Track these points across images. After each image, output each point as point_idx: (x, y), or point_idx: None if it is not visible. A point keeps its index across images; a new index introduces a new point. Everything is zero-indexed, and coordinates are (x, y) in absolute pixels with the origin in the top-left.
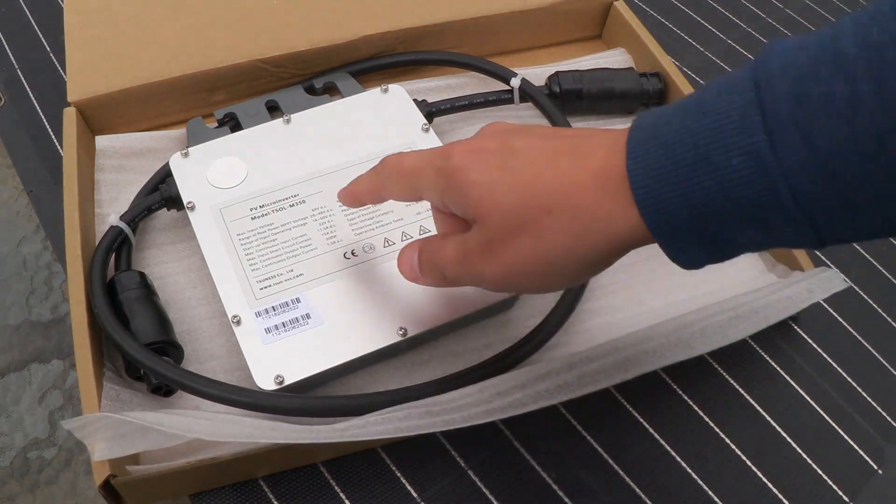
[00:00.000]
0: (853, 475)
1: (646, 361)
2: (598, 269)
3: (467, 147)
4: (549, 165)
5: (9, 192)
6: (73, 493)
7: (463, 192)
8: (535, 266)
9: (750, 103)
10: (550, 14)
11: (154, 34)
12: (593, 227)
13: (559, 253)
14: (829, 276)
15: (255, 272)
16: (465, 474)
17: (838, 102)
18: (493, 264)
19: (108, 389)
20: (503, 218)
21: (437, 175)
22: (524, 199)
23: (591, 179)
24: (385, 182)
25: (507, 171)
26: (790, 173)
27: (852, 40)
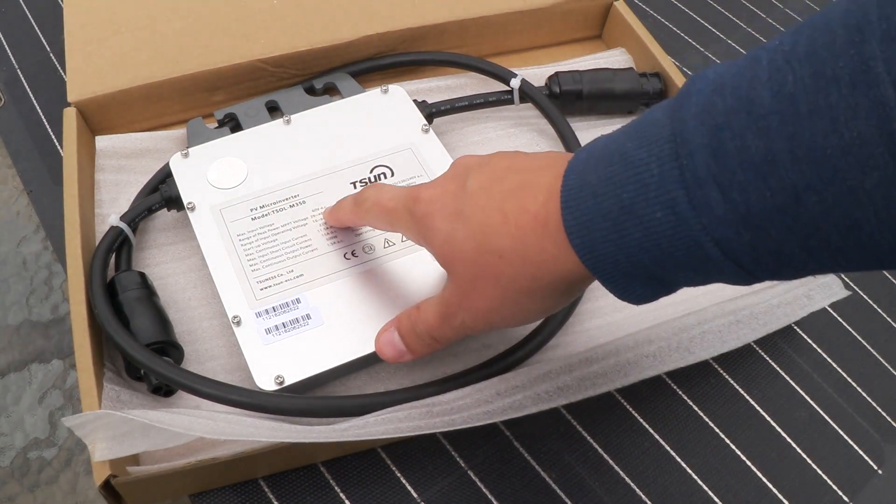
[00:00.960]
0: (853, 475)
1: (646, 365)
2: (569, 298)
3: (431, 192)
4: (497, 209)
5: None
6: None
7: (429, 241)
8: (504, 307)
9: (667, 156)
10: (550, 14)
11: (154, 34)
12: (543, 269)
13: (520, 294)
14: (830, 282)
15: (256, 273)
16: (465, 474)
17: (754, 157)
18: (470, 311)
19: (109, 390)
20: (465, 266)
21: (409, 218)
22: (480, 245)
23: (533, 224)
24: (364, 214)
25: (463, 218)
26: (711, 228)
27: (767, 89)
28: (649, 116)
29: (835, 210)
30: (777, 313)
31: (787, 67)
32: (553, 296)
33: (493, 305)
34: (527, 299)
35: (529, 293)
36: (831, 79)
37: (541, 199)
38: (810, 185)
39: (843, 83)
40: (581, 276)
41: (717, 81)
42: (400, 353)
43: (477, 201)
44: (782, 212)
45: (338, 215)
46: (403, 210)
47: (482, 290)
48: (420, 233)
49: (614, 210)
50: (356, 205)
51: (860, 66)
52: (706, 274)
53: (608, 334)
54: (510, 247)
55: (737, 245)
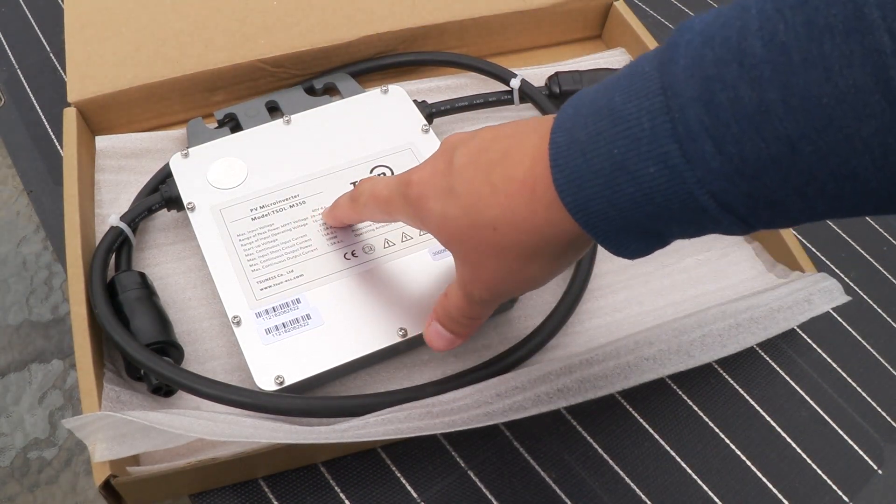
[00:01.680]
0: (853, 475)
1: (646, 368)
2: (574, 256)
3: (422, 173)
4: (485, 181)
5: (9, 192)
6: (73, 493)
7: (426, 223)
8: (510, 276)
9: (658, 110)
10: (550, 14)
11: (154, 34)
12: (538, 234)
13: (522, 261)
14: (830, 286)
15: (256, 273)
16: (465, 474)
17: (747, 108)
18: (481, 285)
19: (109, 390)
20: (463, 243)
21: (404, 203)
22: (473, 220)
23: (521, 190)
24: (362, 208)
25: (454, 195)
26: (706, 180)
27: (758, 38)
28: (636, 68)
29: (831, 159)
30: (777, 318)
31: (778, 16)
32: (555, 257)
33: (497, 276)
34: (530, 265)
35: (530, 259)
36: (824, 27)
37: (527, 164)
38: (805, 135)
39: (836, 31)
40: (577, 235)
41: (706, 32)
42: (449, 340)
43: (465, 175)
44: (777, 162)
45: (335, 214)
46: (398, 196)
47: (485, 264)
48: (416, 216)
49: (605, 166)
50: (352, 200)
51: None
52: (701, 226)
53: (608, 334)
54: (501, 217)
55: (732, 196)
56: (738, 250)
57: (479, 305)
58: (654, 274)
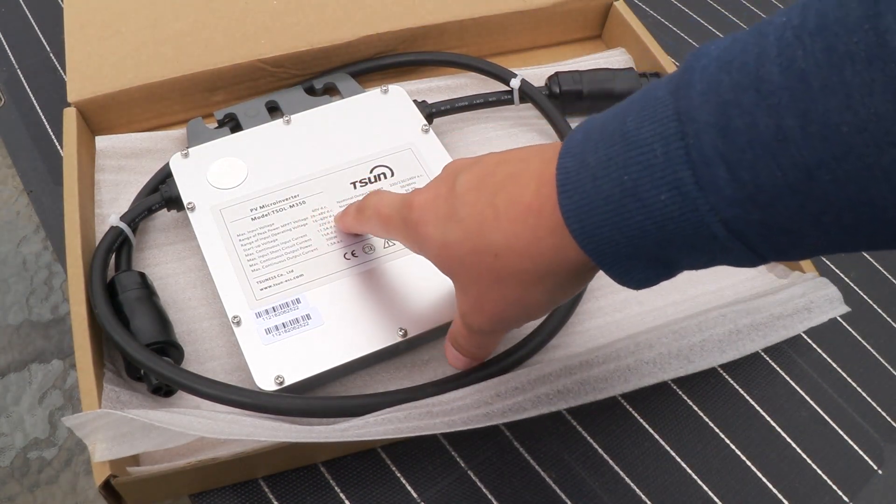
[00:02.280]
0: (853, 475)
1: (645, 372)
2: (577, 286)
3: (424, 198)
4: (489, 205)
5: (9, 192)
6: (73, 493)
7: (425, 249)
8: (511, 306)
9: (672, 135)
10: (550, 14)
11: (154, 34)
12: (541, 261)
13: (524, 290)
14: (831, 294)
15: (256, 273)
16: (465, 474)
17: (763, 135)
18: (482, 316)
19: (108, 390)
20: (464, 271)
21: (404, 227)
22: (475, 246)
23: (525, 215)
24: (366, 222)
25: (455, 220)
26: (719, 208)
27: (776, 64)
28: (650, 94)
29: (849, 187)
30: (777, 325)
31: (797, 42)
32: (558, 287)
33: (498, 307)
34: (531, 295)
35: (532, 288)
36: (844, 54)
37: (533, 188)
38: (823, 163)
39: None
40: (582, 263)
41: (722, 57)
42: (465, 362)
43: (467, 199)
44: (793, 190)
45: (344, 221)
46: (398, 218)
47: (486, 294)
48: (415, 241)
49: (615, 193)
50: (359, 212)
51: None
52: (711, 255)
53: (608, 334)
54: (504, 243)
55: (745, 225)
56: None
57: (480, 336)
58: None
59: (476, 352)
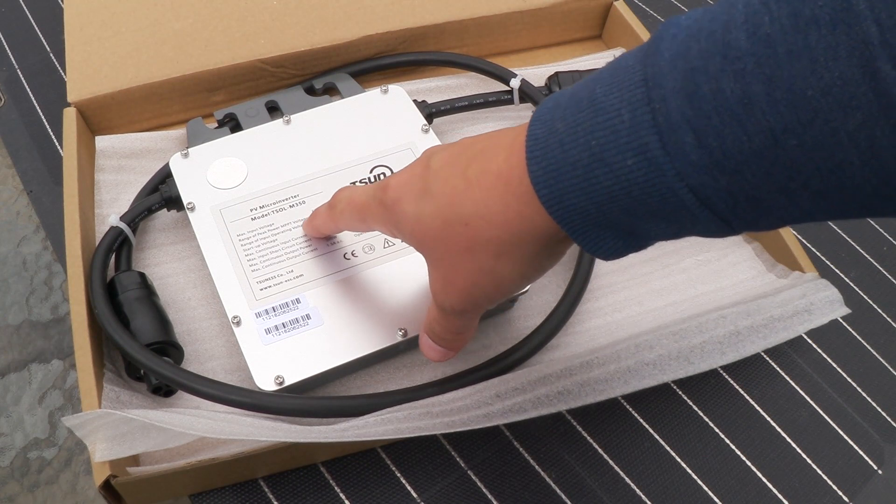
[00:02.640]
0: (853, 475)
1: (646, 374)
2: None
3: (400, 178)
4: (461, 177)
5: (9, 192)
6: (73, 493)
7: (401, 227)
8: (481, 280)
9: (639, 101)
10: (550, 14)
11: (154, 34)
12: (510, 229)
13: (494, 260)
14: (831, 296)
15: (256, 273)
16: (465, 474)
17: (729, 101)
18: (453, 293)
19: (108, 391)
20: (436, 244)
21: (380, 209)
22: (447, 219)
23: (495, 182)
24: (339, 217)
25: (429, 196)
26: (686, 174)
27: (743, 31)
28: (619, 63)
29: (815, 153)
30: (777, 327)
31: (764, 9)
32: (528, 259)
33: (472, 280)
34: (502, 265)
35: (503, 258)
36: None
37: (503, 156)
38: (789, 128)
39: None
40: (552, 233)
41: (692, 27)
42: (440, 353)
43: (441, 174)
44: (760, 155)
45: (314, 224)
46: (374, 202)
47: (456, 266)
48: (392, 221)
49: (583, 158)
50: (330, 208)
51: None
52: (680, 224)
53: (608, 334)
54: (474, 211)
55: (713, 191)
56: (738, 250)
57: (455, 317)
58: (654, 274)
59: (450, 339)
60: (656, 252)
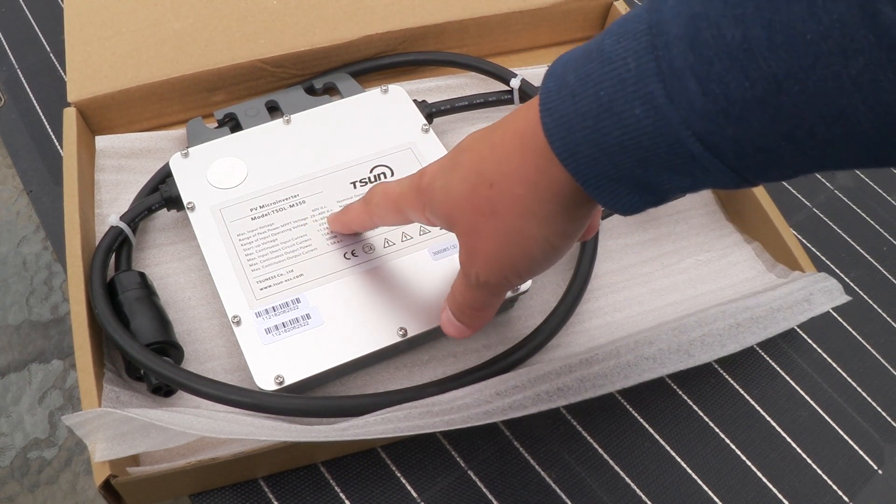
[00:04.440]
0: (853, 475)
1: (645, 368)
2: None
3: (435, 164)
4: (486, 143)
5: (9, 192)
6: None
7: (433, 205)
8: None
9: (644, 49)
10: (550, 14)
11: (154, 34)
12: (532, 185)
13: (519, 220)
14: (830, 286)
15: (256, 272)
16: (465, 474)
17: (731, 46)
18: (479, 261)
19: (108, 391)
20: (463, 212)
21: (415, 194)
22: (473, 184)
23: (514, 140)
24: (375, 210)
25: (458, 167)
26: (691, 122)
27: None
28: (630, 13)
29: (818, 98)
30: (777, 317)
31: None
32: (551, 218)
33: (496, 244)
34: (527, 225)
35: (527, 217)
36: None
37: (522, 114)
38: (791, 74)
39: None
40: (571, 189)
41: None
42: (458, 329)
43: (469, 147)
44: (763, 102)
45: (345, 220)
46: (409, 189)
47: (483, 231)
48: (426, 203)
49: (593, 108)
50: (365, 203)
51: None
52: (692, 176)
53: (608, 334)
54: (496, 170)
55: (719, 139)
56: (738, 250)
57: (479, 290)
58: (654, 274)
59: (471, 314)
60: (656, 252)
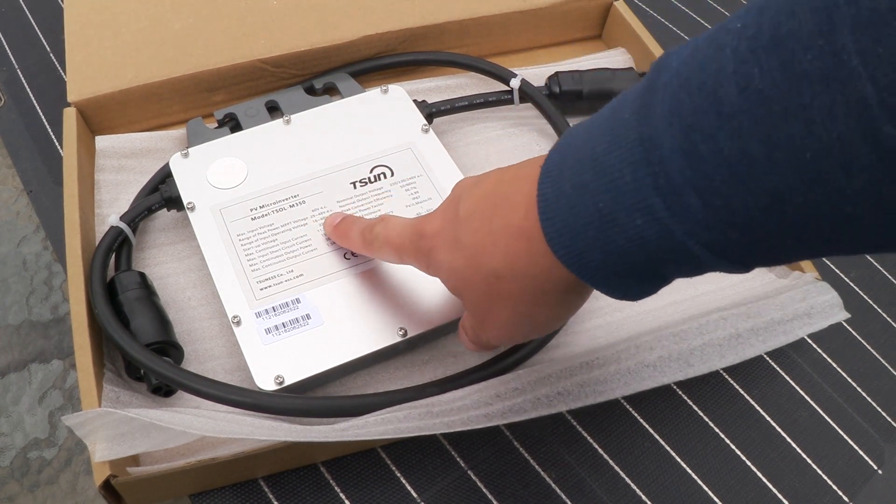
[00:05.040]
0: (853, 475)
1: (645, 376)
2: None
3: (433, 225)
4: (487, 231)
5: (9, 192)
6: (73, 493)
7: (437, 272)
8: (518, 324)
9: (638, 161)
10: (550, 14)
11: (154, 34)
12: (539, 282)
13: (529, 307)
14: (832, 300)
15: (256, 272)
16: (465, 474)
17: (730, 161)
18: (490, 332)
19: (108, 391)
20: (471, 293)
21: (416, 254)
22: (479, 272)
23: (518, 240)
24: (375, 252)
25: (460, 247)
26: (695, 232)
27: (734, 84)
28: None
29: (824, 208)
30: (777, 330)
31: (753, 58)
32: (560, 303)
33: (506, 324)
34: (537, 311)
35: (536, 306)
36: (801, 74)
37: (521, 212)
38: (793, 187)
39: (814, 79)
40: (577, 282)
41: (682, 73)
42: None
43: (470, 225)
44: (767, 212)
45: (346, 243)
46: (411, 247)
47: (493, 313)
48: (428, 267)
49: (594, 220)
50: (365, 242)
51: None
52: (700, 269)
53: (608, 334)
54: (504, 266)
55: (726, 245)
56: None
57: (486, 346)
58: None
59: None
60: None
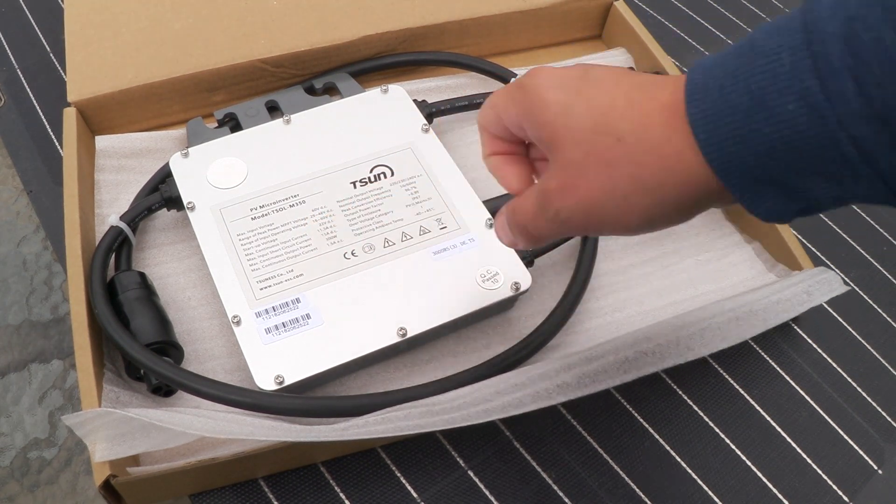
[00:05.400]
0: (853, 475)
1: (645, 363)
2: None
3: (550, 69)
4: (624, 95)
5: (9, 192)
6: (73, 493)
7: (537, 111)
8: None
9: (798, 45)
10: (550, 14)
11: (154, 34)
12: (663, 163)
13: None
14: (829, 278)
15: (256, 272)
16: (465, 474)
17: (890, 52)
18: (570, 199)
19: (108, 391)
20: (575, 146)
21: (516, 89)
22: (598, 124)
23: (660, 113)
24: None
25: (584, 96)
26: (847, 123)
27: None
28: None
29: None
30: (776, 309)
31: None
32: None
33: (598, 196)
34: (637, 196)
35: (642, 189)
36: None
37: (670, 89)
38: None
39: None
40: (702, 183)
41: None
42: (509, 240)
43: (603, 85)
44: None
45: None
46: (512, 85)
47: (590, 176)
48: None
49: (743, 102)
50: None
51: None
52: (842, 183)
53: (608, 334)
54: (632, 130)
55: (874, 145)
56: (739, 251)
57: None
58: (655, 274)
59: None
60: (656, 252)
